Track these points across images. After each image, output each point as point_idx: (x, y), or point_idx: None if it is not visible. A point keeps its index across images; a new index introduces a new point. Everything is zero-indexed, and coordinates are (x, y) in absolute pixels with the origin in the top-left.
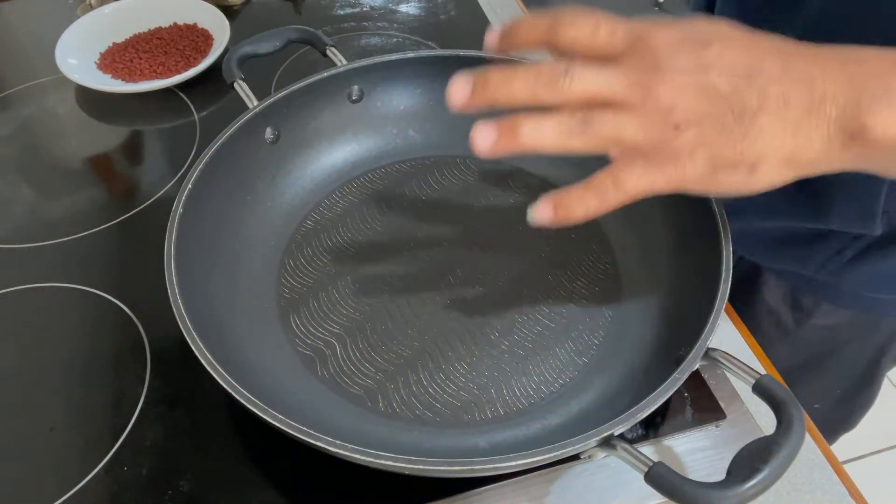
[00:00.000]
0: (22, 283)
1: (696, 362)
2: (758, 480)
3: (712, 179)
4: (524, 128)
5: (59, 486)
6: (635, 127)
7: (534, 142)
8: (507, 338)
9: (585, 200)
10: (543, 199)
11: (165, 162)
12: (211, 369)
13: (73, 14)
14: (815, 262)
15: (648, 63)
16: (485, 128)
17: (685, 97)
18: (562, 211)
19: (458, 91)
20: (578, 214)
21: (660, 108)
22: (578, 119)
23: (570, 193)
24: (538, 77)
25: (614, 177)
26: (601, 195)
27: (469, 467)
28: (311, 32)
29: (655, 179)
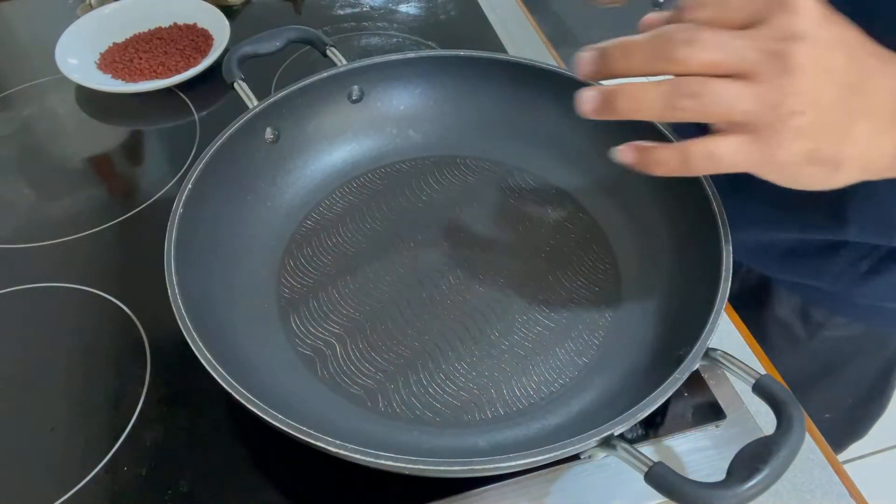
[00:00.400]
0: (22, 283)
1: (696, 362)
2: (758, 480)
3: (798, 170)
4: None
5: (59, 486)
6: (752, 103)
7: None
8: (507, 338)
9: (671, 161)
10: (630, 144)
11: (165, 162)
12: (211, 369)
13: (73, 14)
14: (831, 274)
15: (788, 31)
16: (590, 93)
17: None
18: (644, 162)
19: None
20: (657, 171)
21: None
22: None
23: (659, 150)
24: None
25: (709, 148)
26: (690, 162)
27: (469, 467)
28: (311, 32)
29: (747, 157)
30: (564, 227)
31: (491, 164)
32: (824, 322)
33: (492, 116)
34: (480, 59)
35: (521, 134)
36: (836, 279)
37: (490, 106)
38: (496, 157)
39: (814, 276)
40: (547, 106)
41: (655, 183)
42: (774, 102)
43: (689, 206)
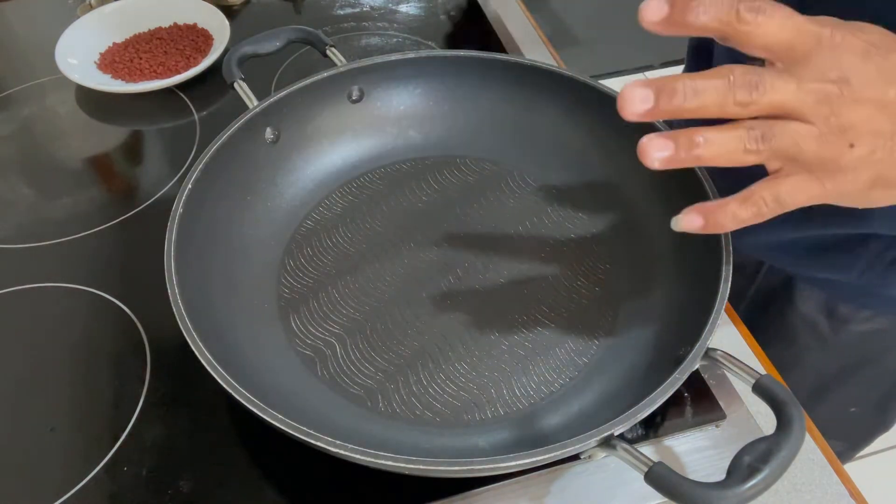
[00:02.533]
0: (22, 283)
1: (696, 362)
2: (758, 480)
3: (867, 196)
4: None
5: (59, 486)
6: (813, 143)
7: (710, 157)
8: (507, 338)
9: (739, 214)
10: (693, 209)
11: (165, 162)
12: (211, 369)
13: (73, 14)
14: (858, 267)
15: (836, 73)
16: (659, 140)
17: (866, 115)
18: (712, 222)
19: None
20: (728, 227)
21: (842, 125)
22: (758, 135)
23: (723, 206)
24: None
25: (775, 192)
26: (756, 209)
27: (469, 467)
28: (311, 32)
29: (814, 194)
30: (564, 226)
31: (491, 164)
32: (850, 317)
33: (492, 116)
34: (480, 59)
35: (521, 134)
36: (864, 271)
37: (490, 106)
38: (496, 157)
39: (841, 269)
40: (547, 106)
41: (655, 183)
42: (832, 140)
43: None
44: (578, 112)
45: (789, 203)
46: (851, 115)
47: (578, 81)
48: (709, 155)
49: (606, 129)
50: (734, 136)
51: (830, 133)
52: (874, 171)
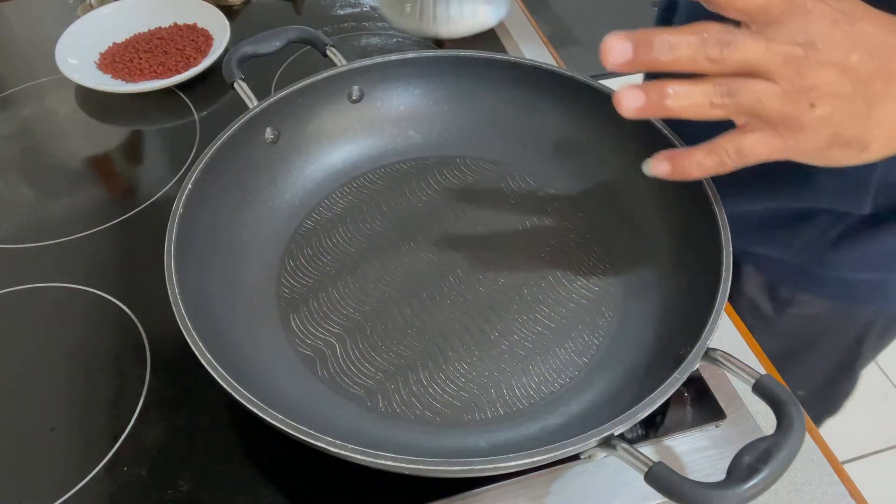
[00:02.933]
0: (22, 283)
1: (696, 362)
2: (758, 480)
3: (825, 154)
4: (672, 93)
5: (59, 486)
6: (777, 101)
7: (678, 108)
8: (507, 338)
9: (704, 163)
10: (662, 153)
11: (165, 162)
12: (211, 369)
13: (73, 14)
14: (799, 244)
15: (804, 36)
16: (634, 90)
17: (828, 77)
18: (678, 168)
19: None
20: (695, 174)
21: (805, 86)
22: (724, 90)
23: (690, 154)
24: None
25: (737, 143)
26: (720, 159)
27: (469, 467)
28: (311, 32)
29: (775, 148)
30: (564, 227)
31: (491, 164)
32: (791, 299)
33: (492, 116)
34: (480, 59)
35: (521, 134)
36: (805, 249)
37: (490, 106)
38: (496, 157)
39: (783, 246)
40: (547, 106)
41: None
42: (795, 98)
43: (689, 206)
44: (578, 112)
45: (751, 156)
46: (815, 77)
47: (578, 81)
48: (677, 106)
49: (606, 128)
50: (702, 90)
51: (794, 92)
52: (833, 131)
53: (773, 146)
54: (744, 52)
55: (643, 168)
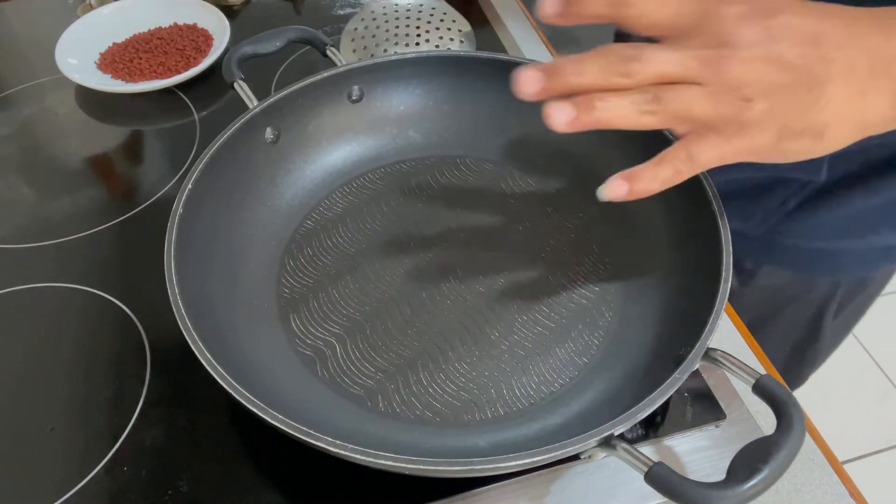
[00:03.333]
0: (22, 283)
1: (696, 362)
2: (758, 480)
3: (779, 148)
4: (599, 105)
5: (59, 486)
6: (706, 102)
7: (608, 118)
8: (507, 338)
9: (659, 175)
10: (616, 176)
11: (165, 162)
12: (211, 369)
13: (73, 14)
14: (760, 215)
15: (718, 39)
16: (562, 105)
17: (755, 71)
18: (636, 184)
19: (529, 83)
20: (652, 188)
21: (731, 84)
22: (651, 97)
23: (643, 169)
24: (610, 62)
25: (687, 150)
26: (675, 167)
27: (469, 467)
28: (311, 32)
29: (725, 151)
30: (564, 227)
31: (491, 164)
32: (754, 271)
33: (492, 116)
34: (480, 59)
35: (521, 134)
36: (764, 220)
37: (490, 106)
38: (496, 157)
39: (744, 218)
40: None
41: None
42: (725, 98)
43: (689, 206)
44: None
45: (702, 160)
46: (741, 74)
47: None
48: (607, 118)
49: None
50: (629, 99)
51: (722, 92)
52: (779, 124)
53: (722, 148)
54: (654, 63)
55: (598, 195)
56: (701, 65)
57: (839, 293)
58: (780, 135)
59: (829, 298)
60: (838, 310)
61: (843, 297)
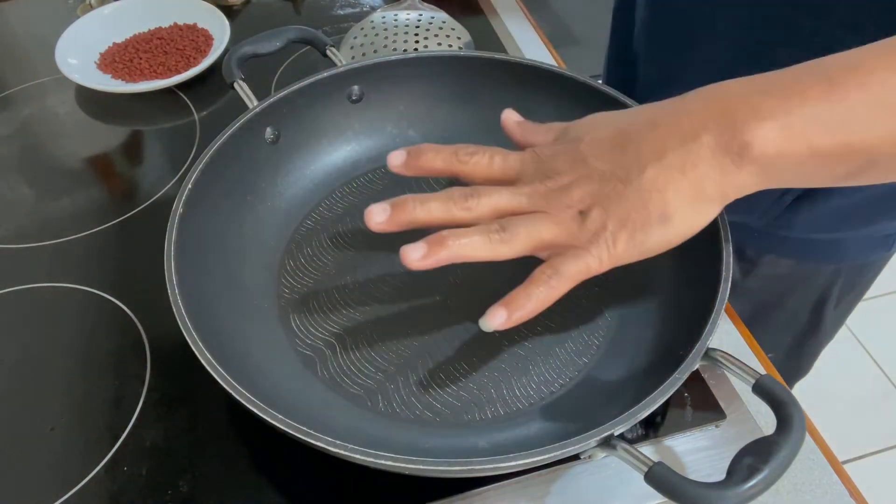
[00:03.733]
0: (22, 283)
1: (696, 362)
2: (758, 480)
3: (637, 244)
4: (451, 240)
5: (59, 486)
6: (548, 225)
7: (464, 252)
8: (507, 338)
9: (533, 294)
10: (493, 307)
11: (165, 162)
12: (211, 369)
13: (73, 14)
14: (760, 209)
15: (539, 175)
16: (415, 244)
17: (577, 188)
18: (514, 309)
19: (377, 214)
20: (529, 308)
21: (560, 205)
22: (497, 227)
23: (517, 294)
24: (450, 198)
25: (553, 268)
26: (547, 286)
27: (469, 467)
28: (311, 32)
29: (588, 262)
30: None
31: None
32: (756, 260)
33: (492, 116)
34: (480, 59)
35: None
36: (765, 213)
37: (490, 106)
38: None
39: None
40: (547, 106)
41: None
42: (562, 218)
43: None
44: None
45: (570, 274)
46: (566, 195)
47: (578, 81)
48: (463, 252)
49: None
50: (477, 229)
51: (557, 214)
52: (620, 225)
53: (586, 261)
54: (489, 198)
55: (482, 327)
56: (530, 198)
57: (841, 279)
58: (630, 234)
59: (831, 285)
60: (839, 297)
61: (845, 283)
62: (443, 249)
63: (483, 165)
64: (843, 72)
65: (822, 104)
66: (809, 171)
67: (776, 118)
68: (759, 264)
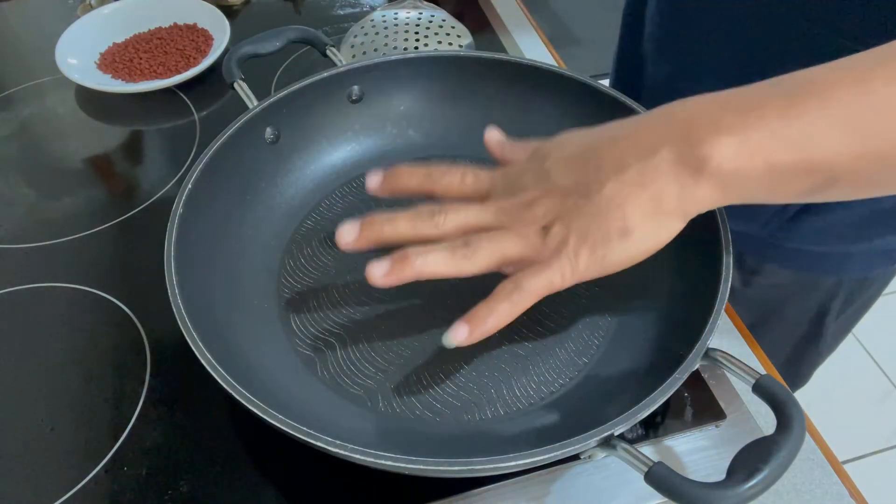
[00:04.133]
0: (22, 283)
1: (696, 362)
2: (758, 480)
3: (598, 259)
4: (414, 256)
5: (59, 486)
6: (512, 241)
7: (425, 268)
8: (507, 338)
9: (495, 309)
10: (456, 323)
11: (165, 162)
12: (211, 369)
13: (73, 14)
14: (762, 219)
15: (506, 192)
16: (379, 261)
17: (540, 204)
18: (476, 324)
19: (347, 233)
20: (491, 323)
21: (524, 221)
22: (461, 243)
23: (478, 309)
24: (417, 215)
25: (515, 282)
26: (509, 301)
27: (469, 467)
28: (311, 32)
29: (551, 277)
30: None
31: (491, 164)
32: (757, 269)
33: (492, 117)
34: (480, 59)
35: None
36: (768, 223)
37: (490, 106)
38: None
39: (747, 220)
40: (547, 106)
41: None
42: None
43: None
44: (578, 112)
45: (532, 288)
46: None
47: (578, 81)
48: (427, 268)
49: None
50: (442, 247)
51: (522, 228)
52: (578, 238)
53: (547, 276)
54: (455, 215)
55: (444, 342)
56: (496, 214)
57: (842, 292)
58: (590, 248)
59: (832, 297)
60: (841, 309)
61: (846, 296)
62: (406, 266)
63: (455, 184)
64: (804, 88)
65: (779, 120)
66: (770, 187)
67: (733, 133)
68: (760, 273)
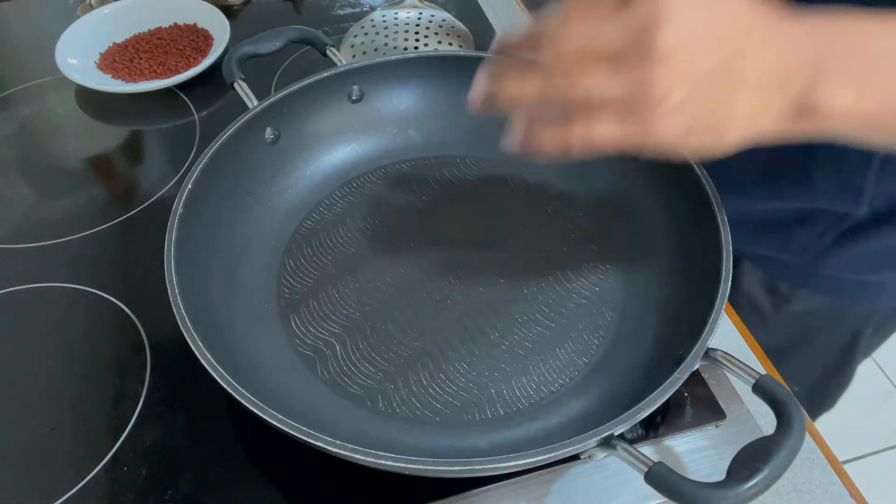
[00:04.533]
0: (22, 283)
1: (696, 362)
2: (758, 480)
3: (679, 142)
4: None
5: (59, 486)
6: (619, 89)
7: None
8: (507, 338)
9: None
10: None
11: (165, 162)
12: (211, 369)
13: (73, 14)
14: (798, 245)
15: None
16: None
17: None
18: (529, 151)
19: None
20: (542, 159)
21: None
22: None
23: (541, 136)
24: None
25: (586, 132)
26: (570, 146)
27: (469, 467)
28: (311, 32)
29: (624, 138)
30: (564, 226)
31: (491, 164)
32: (789, 296)
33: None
34: (481, 59)
35: None
36: (802, 251)
37: None
38: (496, 157)
39: (782, 247)
40: None
41: (656, 183)
42: (641, 86)
43: (689, 206)
44: None
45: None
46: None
47: None
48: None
49: None
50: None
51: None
52: (688, 118)
53: (624, 136)
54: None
55: (501, 145)
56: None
57: (874, 321)
58: (687, 130)
59: (863, 325)
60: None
61: (878, 323)
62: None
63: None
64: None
65: None
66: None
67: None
68: (792, 300)
